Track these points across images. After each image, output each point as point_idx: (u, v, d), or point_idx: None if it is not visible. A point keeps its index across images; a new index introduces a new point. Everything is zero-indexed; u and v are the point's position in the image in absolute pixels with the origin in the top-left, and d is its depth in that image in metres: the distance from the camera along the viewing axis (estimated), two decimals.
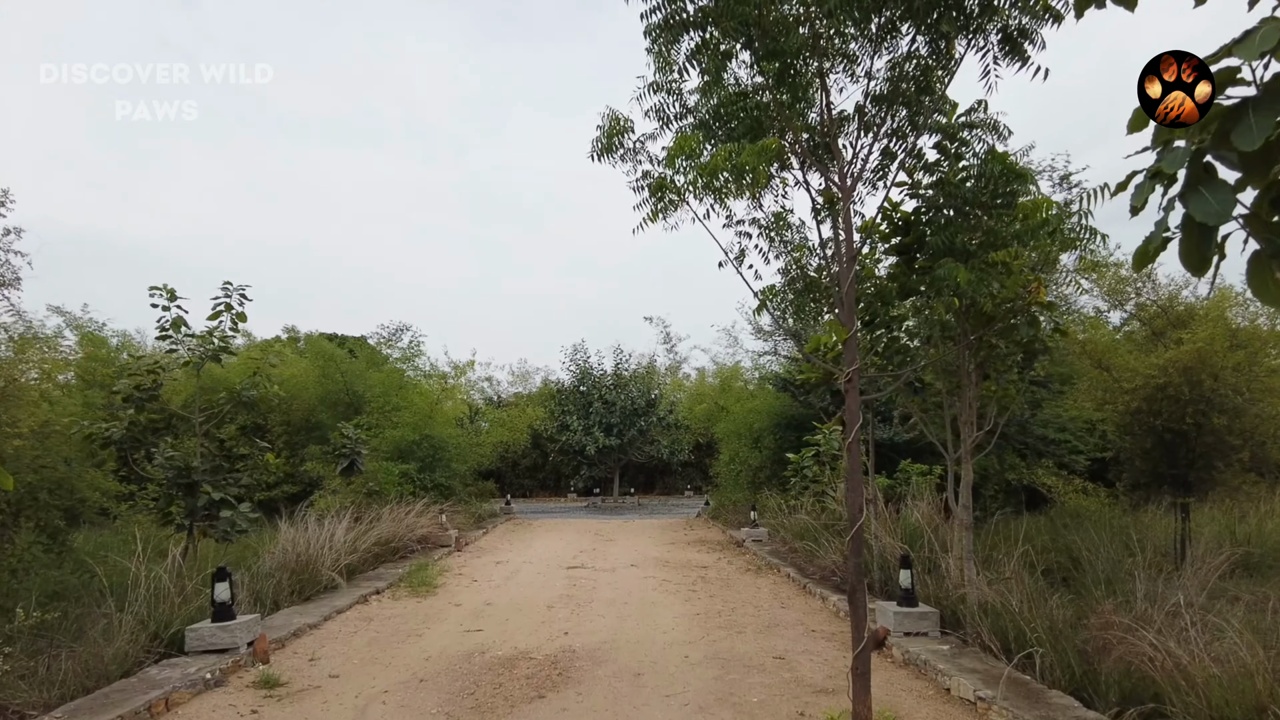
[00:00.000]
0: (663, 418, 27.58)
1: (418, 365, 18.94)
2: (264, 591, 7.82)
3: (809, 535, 11.25)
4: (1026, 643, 5.48)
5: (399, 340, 22.02)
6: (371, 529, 10.91)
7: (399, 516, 12.30)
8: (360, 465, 12.64)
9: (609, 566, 11.52)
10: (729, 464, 16.96)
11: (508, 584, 10.09)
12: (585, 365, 28.61)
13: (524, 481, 33.60)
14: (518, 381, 36.71)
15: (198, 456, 8.71)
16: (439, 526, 13.30)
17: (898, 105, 5.20)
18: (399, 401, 16.78)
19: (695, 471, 34.00)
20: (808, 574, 10.01)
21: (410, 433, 16.55)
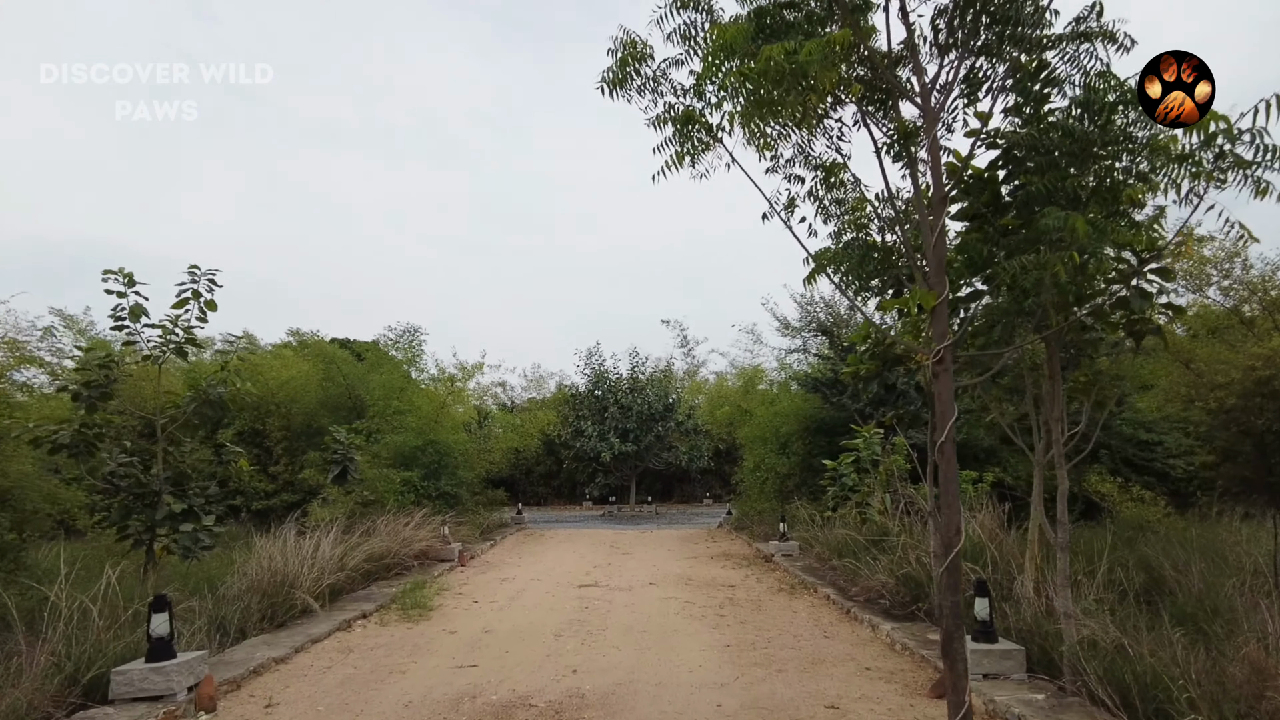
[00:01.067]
0: (681, 422, 26.44)
1: (420, 366, 17.96)
2: (229, 618, 6.78)
3: (848, 551, 10.05)
4: (1159, 699, 4.28)
5: (407, 342, 21.10)
6: (363, 543, 9.86)
7: (396, 529, 11.26)
8: (354, 472, 11.62)
9: (625, 585, 10.39)
10: (753, 471, 15.77)
11: (512, 606, 8.99)
12: (600, 369, 27.55)
13: (538, 489, 32.56)
14: (531, 386, 35.78)
15: (159, 463, 7.68)
16: (440, 539, 12.24)
17: (986, 12, 4.08)
18: (401, 405, 15.77)
19: (714, 479, 32.77)
20: (850, 596, 8.82)
21: (413, 438, 15.54)
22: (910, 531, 8.96)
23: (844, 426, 14.42)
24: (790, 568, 11.19)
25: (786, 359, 16.07)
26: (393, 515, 11.98)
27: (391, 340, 22.69)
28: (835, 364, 13.18)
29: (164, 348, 7.72)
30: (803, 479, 14.53)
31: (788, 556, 12.30)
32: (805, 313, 13.05)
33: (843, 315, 12.93)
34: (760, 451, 15.59)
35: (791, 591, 9.80)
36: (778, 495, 14.83)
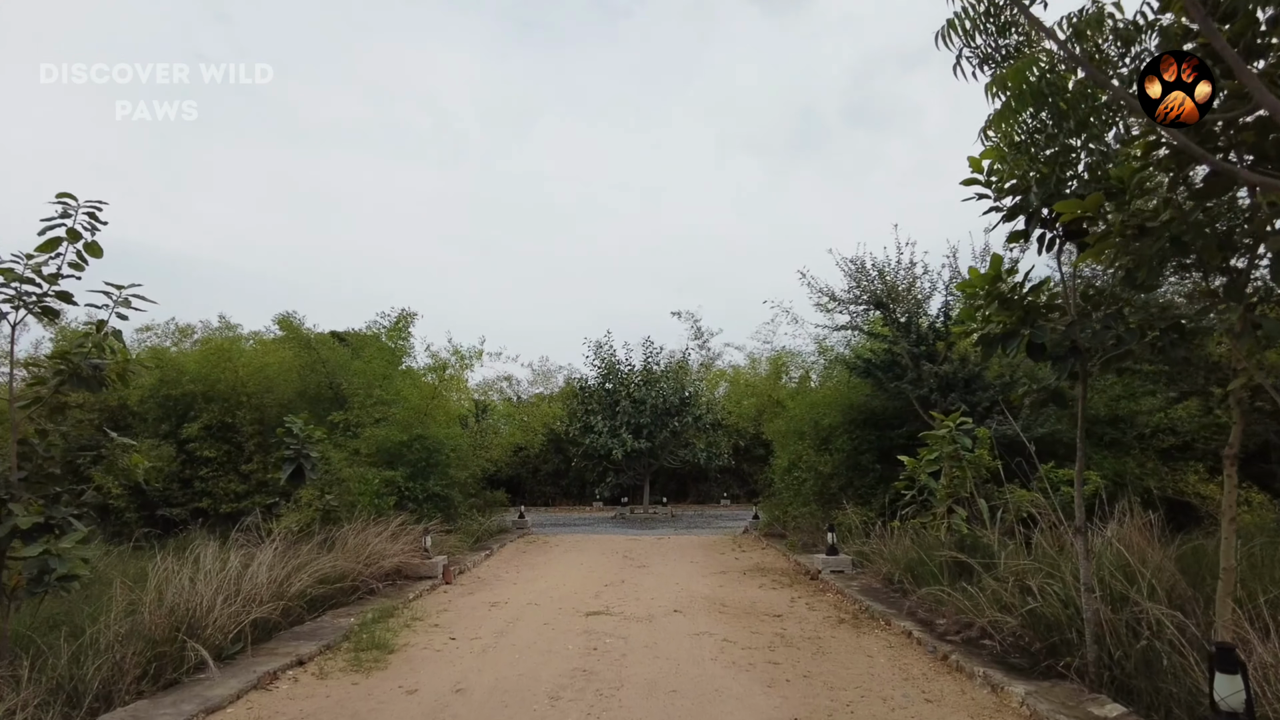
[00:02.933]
0: (699, 417, 24.34)
1: (408, 351, 15.91)
2: (87, 682, 4.76)
3: (927, 572, 7.95)
4: None
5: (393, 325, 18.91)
6: (315, 560, 7.84)
7: (365, 540, 9.24)
8: (311, 471, 9.61)
9: (644, 612, 8.33)
10: (788, 471, 13.68)
11: (498, 645, 6.94)
12: (611, 360, 25.51)
13: (545, 489, 30.59)
14: (539, 381, 33.88)
15: (13, 459, 5.64)
16: (420, 552, 10.21)
17: None
18: (384, 394, 13.78)
19: (732, 478, 30.66)
20: (941, 634, 6.72)
21: (398, 432, 13.54)
22: (1022, 550, 6.84)
23: (899, 417, 12.30)
24: (845, 589, 9.09)
25: (828, 340, 13.95)
26: (362, 523, 9.97)
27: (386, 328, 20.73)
28: (895, 341, 11.06)
29: (17, 303, 5.64)
30: (848, 480, 12.42)
31: (838, 574, 10.20)
32: (855, 283, 10.92)
33: (900, 288, 10.80)
34: (796, 448, 13.48)
35: (855, 624, 7.70)
36: (818, 499, 12.72)
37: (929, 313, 11.05)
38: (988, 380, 10.87)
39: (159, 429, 15.80)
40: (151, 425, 15.90)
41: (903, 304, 11.04)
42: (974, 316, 5.15)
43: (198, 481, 15.44)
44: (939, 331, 10.86)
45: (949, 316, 10.89)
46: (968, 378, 10.72)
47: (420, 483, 13.38)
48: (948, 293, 11.00)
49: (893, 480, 12.17)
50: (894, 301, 11.03)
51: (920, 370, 10.75)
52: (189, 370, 15.59)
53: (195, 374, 15.51)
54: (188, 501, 15.59)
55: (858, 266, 11.10)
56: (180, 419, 15.68)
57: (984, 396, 10.41)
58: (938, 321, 10.90)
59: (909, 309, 11.07)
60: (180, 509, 15.35)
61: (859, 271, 11.09)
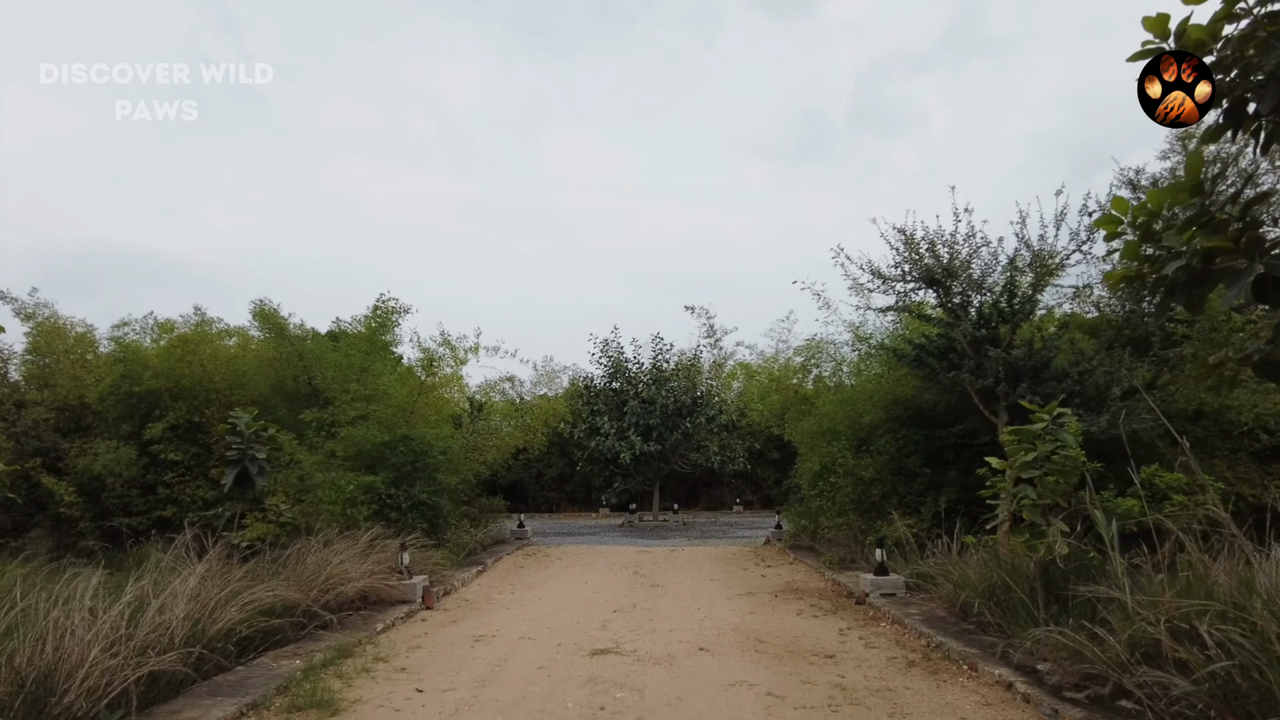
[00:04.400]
0: (712, 418, 22.72)
1: (391, 341, 14.35)
2: None
3: (1016, 602, 6.35)
4: None
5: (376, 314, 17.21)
6: (253, 587, 6.28)
7: (326, 558, 7.70)
8: (259, 475, 8.08)
9: (662, 650, 6.75)
10: (820, 476, 12.09)
11: (477, 702, 5.38)
12: (619, 358, 23.91)
13: (549, 494, 29.05)
14: (543, 381, 32.34)
15: None
16: (394, 571, 8.65)
17: None
18: (361, 389, 12.25)
19: (746, 483, 29.02)
20: (1051, 685, 5.13)
21: (380, 432, 12.01)
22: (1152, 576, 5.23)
23: (951, 414, 10.70)
24: (904, 619, 7.49)
25: (865, 326, 12.30)
26: (327, 538, 8.43)
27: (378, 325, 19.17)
28: (951, 324, 9.45)
29: None
30: (892, 486, 10.82)
31: (890, 598, 8.60)
32: (903, 257, 9.33)
33: (958, 262, 9.22)
34: (828, 450, 11.88)
35: (930, 668, 6.10)
36: (856, 508, 11.12)
37: (993, 290, 9.44)
38: (1059, 368, 9.26)
39: (120, 429, 14.36)
40: (112, 425, 14.46)
41: (960, 280, 9.44)
42: (1139, 253, 3.55)
43: (162, 487, 13.97)
44: (1003, 312, 9.27)
45: (1013, 294, 9.29)
46: (1036, 365, 9.13)
47: (405, 489, 11.84)
48: (1011, 267, 9.39)
49: (943, 486, 10.60)
50: (950, 278, 9.43)
51: (983, 357, 9.15)
52: (152, 365, 14.13)
53: (159, 369, 14.05)
54: (150, 509, 14.13)
55: (906, 238, 9.51)
56: (144, 418, 14.24)
57: (1058, 387, 8.81)
58: (1001, 301, 9.30)
59: (968, 285, 9.48)
60: (141, 518, 13.89)
61: (907, 243, 9.49)
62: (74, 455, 13.79)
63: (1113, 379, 9.10)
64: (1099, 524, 5.47)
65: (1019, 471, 6.05)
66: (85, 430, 15.12)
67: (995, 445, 9.95)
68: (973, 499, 10.51)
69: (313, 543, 8.07)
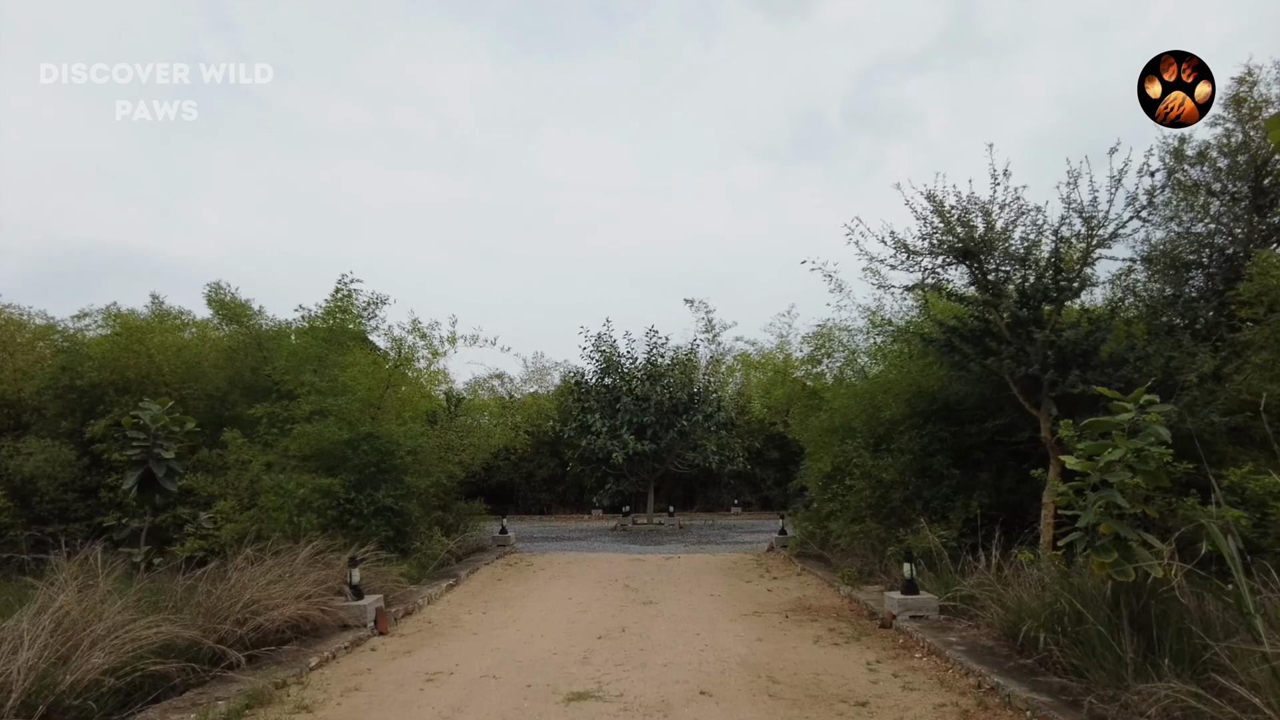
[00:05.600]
0: (710, 415, 21.48)
1: (356, 330, 13.02)
2: None
3: (1092, 634, 5.12)
4: None
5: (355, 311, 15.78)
6: (134, 622, 4.99)
7: (249, 579, 6.40)
8: (167, 480, 6.79)
9: (654, 694, 5.49)
10: (831, 478, 10.85)
11: None
12: (611, 353, 22.66)
13: (540, 496, 27.77)
14: (534, 378, 31.10)
15: None
16: (331, 593, 7.35)
17: None
18: (318, 381, 10.95)
19: (744, 484, 27.79)
20: None
21: (339, 429, 10.72)
22: None
23: (982, 407, 9.47)
24: (945, 650, 6.24)
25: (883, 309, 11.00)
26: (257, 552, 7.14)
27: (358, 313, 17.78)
28: (991, 304, 8.19)
29: None
30: (916, 489, 9.58)
31: (921, 620, 7.36)
32: (932, 227, 8.10)
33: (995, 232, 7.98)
34: (842, 449, 10.64)
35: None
36: (874, 514, 9.87)
37: (1037, 264, 8.19)
38: (1116, 353, 8.02)
39: (59, 426, 13.06)
40: (51, 422, 13.15)
41: (998, 253, 8.19)
42: None
43: (105, 491, 12.64)
44: (1046, 289, 8.03)
45: (1059, 269, 8.05)
46: (1087, 350, 7.90)
47: (368, 493, 10.56)
48: (1057, 237, 8.14)
49: (974, 490, 9.36)
50: (986, 250, 8.18)
51: (1026, 341, 7.90)
52: (95, 356, 12.81)
53: (102, 360, 12.73)
54: (90, 515, 12.84)
55: (935, 205, 8.26)
56: (86, 414, 12.94)
57: (1114, 375, 7.58)
58: (1045, 276, 8.06)
59: (1005, 258, 8.23)
60: (81, 525, 12.58)
61: (937, 211, 8.25)
62: (4, 455, 12.45)
63: (1175, 366, 7.87)
64: (1215, 540, 4.23)
65: (1102, 473, 4.80)
66: (25, 428, 13.80)
67: (1036, 443, 8.72)
68: (1007, 504, 9.29)
69: (238, 559, 6.78)
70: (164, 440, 6.78)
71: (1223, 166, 11.13)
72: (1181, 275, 11.40)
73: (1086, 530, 4.88)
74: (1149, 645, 4.95)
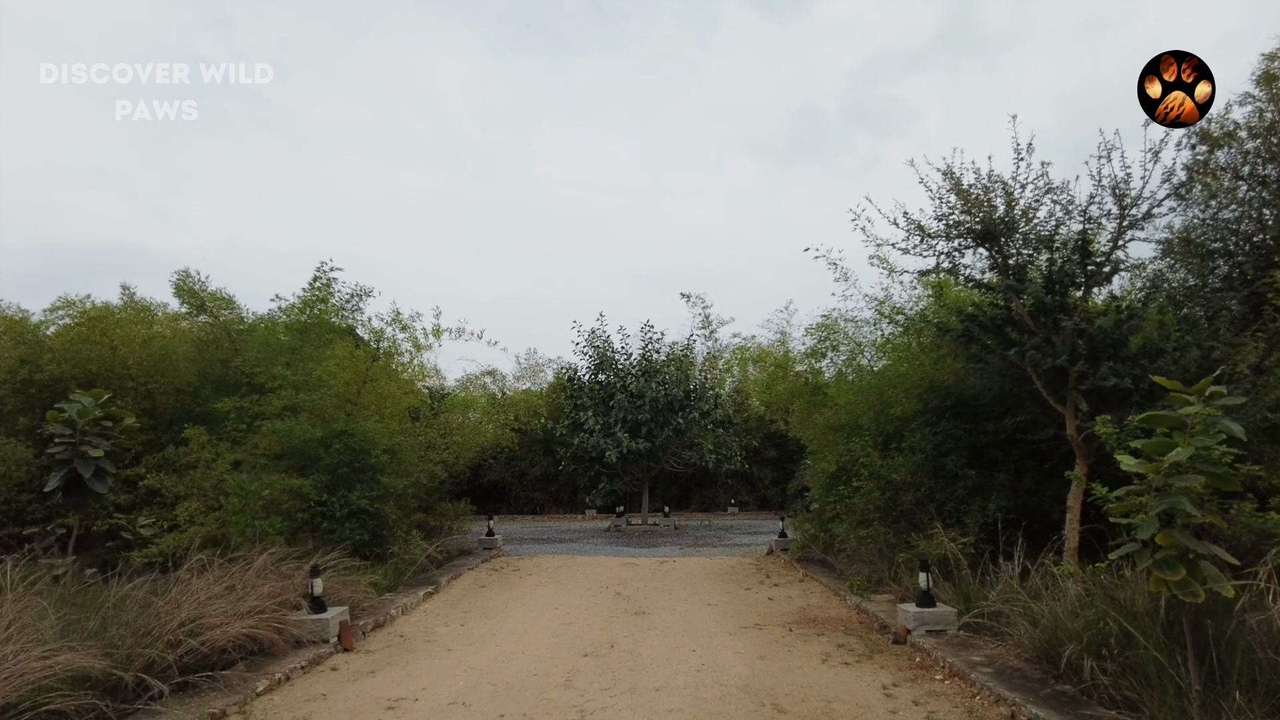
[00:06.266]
0: (707, 413, 20.81)
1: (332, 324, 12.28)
2: None
3: (1147, 660, 4.46)
4: None
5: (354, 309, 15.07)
6: (24, 655, 4.28)
7: (191, 591, 5.71)
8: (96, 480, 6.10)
9: None
10: (836, 478, 10.20)
11: None
12: (605, 348, 21.96)
13: (533, 495, 27.05)
14: (526, 375, 30.42)
15: None
16: (286, 606, 6.64)
17: None
18: (290, 375, 10.25)
19: (741, 483, 27.11)
20: None
21: (311, 426, 10.02)
22: None
23: (1000, 403, 8.82)
24: (968, 670, 5.58)
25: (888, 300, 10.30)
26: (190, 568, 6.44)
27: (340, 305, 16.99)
28: (1014, 290, 7.52)
29: None
30: (928, 491, 8.91)
31: (938, 636, 6.70)
32: (950, 206, 7.44)
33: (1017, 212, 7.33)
34: (848, 447, 9.98)
35: None
36: (883, 517, 9.21)
37: (1065, 246, 7.52)
38: (1152, 342, 7.36)
39: (17, 423, 12.34)
40: (8, 419, 12.44)
41: (1020, 234, 7.53)
42: None
43: None
44: (1071, 273, 7.37)
45: (1087, 251, 7.39)
46: (1118, 340, 7.25)
47: (341, 495, 9.87)
48: (1085, 217, 7.48)
49: (990, 491, 8.71)
50: (1008, 232, 7.52)
51: (1053, 330, 7.24)
52: (54, 348, 12.09)
53: (62, 352, 12.01)
54: (50, 518, 12.13)
55: (952, 183, 7.60)
56: (46, 409, 12.18)
57: (1150, 366, 6.93)
58: (1072, 259, 7.40)
59: (1027, 241, 7.57)
60: (38, 527, 11.88)
61: (954, 189, 7.58)
62: None
63: (1217, 358, 7.21)
64: None
65: (1166, 475, 4.13)
66: None
67: (1060, 441, 8.06)
68: (1026, 507, 8.63)
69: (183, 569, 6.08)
70: (94, 437, 6.10)
71: (1251, 149, 10.51)
72: (1206, 264, 10.77)
73: (1147, 543, 4.21)
74: (1213, 674, 4.31)
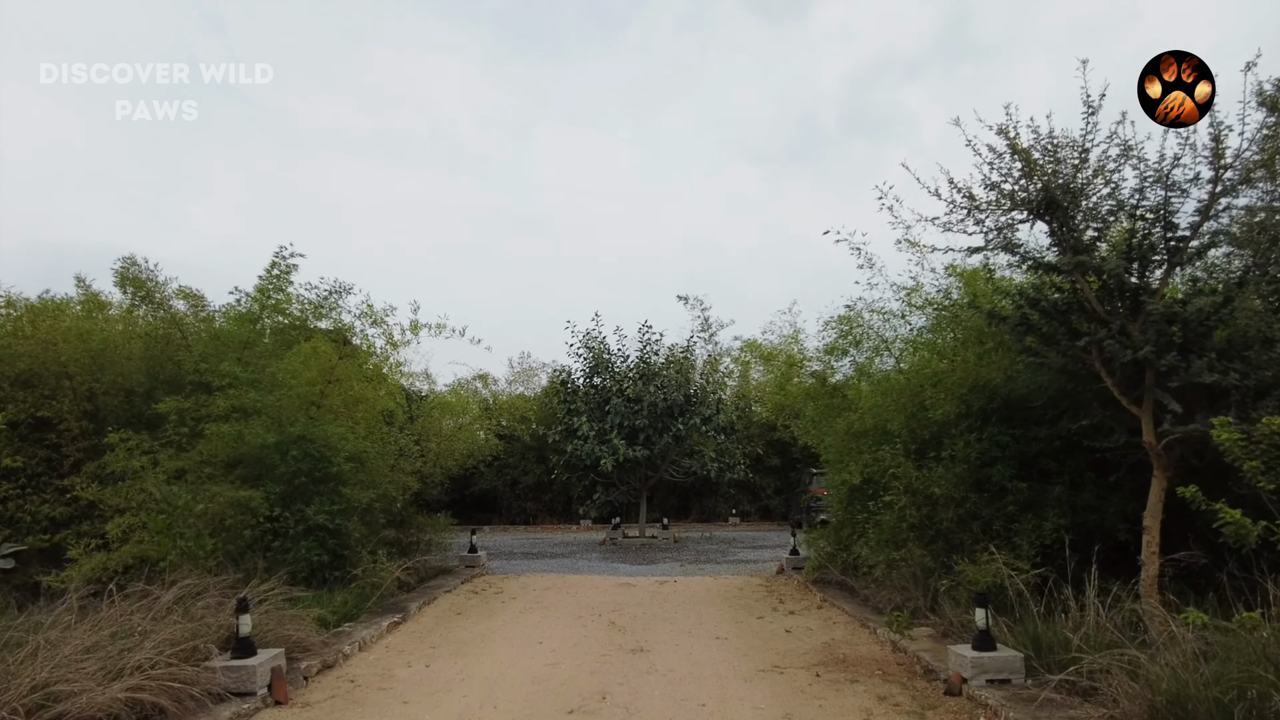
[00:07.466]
0: (708, 418, 19.61)
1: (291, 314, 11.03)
2: None
3: None
4: None
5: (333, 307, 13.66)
6: None
7: (63, 638, 4.46)
8: None
9: None
10: (861, 490, 8.99)
11: None
12: (601, 351, 20.77)
13: (525, 504, 25.84)
14: (519, 380, 29.28)
15: None
16: (192, 656, 5.39)
17: None
18: (241, 372, 9.01)
19: (743, 492, 25.86)
20: None
21: (264, 431, 8.78)
22: None
23: (1054, 406, 7.60)
24: None
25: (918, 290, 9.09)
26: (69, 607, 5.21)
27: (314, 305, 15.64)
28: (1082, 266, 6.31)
29: None
30: (972, 508, 7.68)
31: (1002, 687, 5.47)
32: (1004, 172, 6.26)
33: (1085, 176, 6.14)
34: (875, 456, 8.77)
35: None
36: (919, 537, 7.98)
37: (1145, 217, 6.33)
38: (1233, 335, 6.20)
39: None
40: None
41: (1093, 201, 6.34)
42: None
43: None
44: (1154, 245, 6.20)
45: (1170, 223, 6.21)
46: (1208, 329, 6.09)
47: (297, 509, 8.63)
48: (1164, 182, 6.28)
49: (1044, 507, 7.49)
50: (1073, 200, 6.33)
51: (1131, 316, 6.05)
52: None
53: None
54: None
55: (1009, 143, 6.42)
56: None
57: (1257, 360, 5.75)
58: (1154, 231, 6.22)
59: (1094, 212, 6.39)
60: None
61: (1012, 150, 6.41)
62: None
63: None
64: None
65: None
66: None
67: (1131, 449, 6.84)
68: (1084, 525, 7.41)
69: (61, 609, 4.84)
70: None
71: None
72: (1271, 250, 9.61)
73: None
74: None
